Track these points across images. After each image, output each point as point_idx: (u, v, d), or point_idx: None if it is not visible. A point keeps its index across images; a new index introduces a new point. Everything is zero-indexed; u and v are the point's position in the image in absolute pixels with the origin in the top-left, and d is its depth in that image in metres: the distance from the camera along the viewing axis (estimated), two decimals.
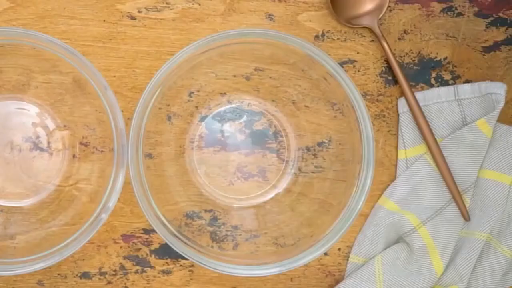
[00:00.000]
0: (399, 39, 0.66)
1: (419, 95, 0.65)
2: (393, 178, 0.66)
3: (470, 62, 0.67)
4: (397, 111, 0.66)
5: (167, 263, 0.65)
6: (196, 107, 0.64)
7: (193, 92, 0.64)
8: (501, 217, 0.65)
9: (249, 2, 0.65)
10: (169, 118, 0.63)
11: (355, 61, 0.66)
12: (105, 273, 0.65)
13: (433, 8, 0.66)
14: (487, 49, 0.67)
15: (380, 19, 0.65)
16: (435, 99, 0.66)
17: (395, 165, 0.66)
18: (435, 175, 0.65)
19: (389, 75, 0.66)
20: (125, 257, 0.65)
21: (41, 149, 0.64)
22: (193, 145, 0.64)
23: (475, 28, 0.67)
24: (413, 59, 0.66)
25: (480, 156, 0.64)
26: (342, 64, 0.65)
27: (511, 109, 0.67)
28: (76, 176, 0.63)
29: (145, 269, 0.65)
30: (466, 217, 0.64)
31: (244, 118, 0.64)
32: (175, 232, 0.59)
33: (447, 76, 0.67)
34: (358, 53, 0.66)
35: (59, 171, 0.64)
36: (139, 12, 0.64)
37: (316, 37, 0.65)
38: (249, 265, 0.59)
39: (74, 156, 0.64)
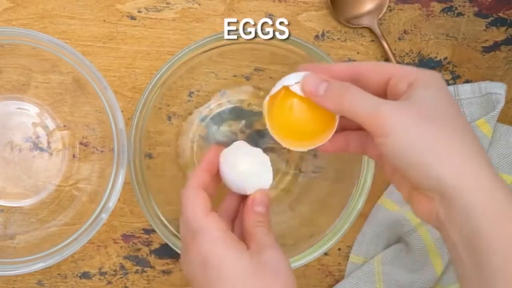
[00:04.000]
0: (399, 39, 0.66)
1: None
2: None
3: (470, 62, 0.67)
4: None
5: (167, 263, 0.65)
6: (196, 107, 0.64)
7: (193, 92, 0.64)
8: None
9: (249, 2, 0.65)
10: (169, 118, 0.63)
11: (355, 61, 0.66)
12: (105, 273, 0.65)
13: (433, 8, 0.66)
14: (487, 49, 0.67)
15: (380, 19, 0.66)
16: None
17: None
18: None
19: None
20: (125, 257, 0.65)
21: (41, 149, 0.64)
22: (193, 145, 0.64)
23: (475, 28, 0.67)
24: (413, 59, 0.66)
25: None
26: None
27: (511, 109, 0.67)
28: (76, 176, 0.63)
29: (145, 269, 0.65)
30: None
31: (244, 118, 0.64)
32: (175, 232, 0.59)
33: (447, 76, 0.67)
34: (358, 53, 0.66)
35: (59, 171, 0.64)
36: (139, 12, 0.64)
37: (316, 37, 0.65)
38: None
39: (74, 156, 0.64)
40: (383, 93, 0.46)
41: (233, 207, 0.54)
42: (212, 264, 0.47)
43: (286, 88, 0.48)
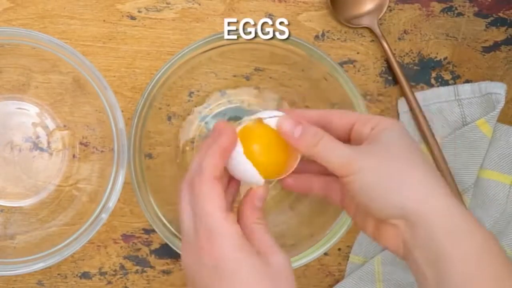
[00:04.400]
0: (399, 39, 0.66)
1: (419, 95, 0.65)
2: None
3: (470, 62, 0.67)
4: (397, 111, 0.66)
5: (167, 263, 0.65)
6: (196, 107, 0.64)
7: (193, 92, 0.64)
8: (501, 217, 0.65)
9: (249, 2, 0.65)
10: (169, 118, 0.63)
11: (355, 61, 0.66)
12: (105, 273, 0.65)
13: (433, 8, 0.66)
14: (487, 49, 0.67)
15: (380, 19, 0.65)
16: (435, 99, 0.66)
17: None
18: None
19: (389, 75, 0.66)
20: (125, 257, 0.65)
21: (41, 149, 0.64)
22: (193, 145, 0.64)
23: (475, 28, 0.67)
24: (413, 59, 0.66)
25: (480, 156, 0.64)
26: (342, 64, 0.65)
27: (511, 109, 0.67)
28: (76, 176, 0.63)
29: (145, 269, 0.65)
30: None
31: (244, 118, 0.64)
32: (175, 232, 0.59)
33: (447, 76, 0.67)
34: (358, 53, 0.66)
35: (59, 171, 0.64)
36: (139, 12, 0.64)
37: (316, 37, 0.65)
38: None
39: (74, 156, 0.64)
40: (347, 137, 0.50)
41: (233, 196, 0.52)
42: (227, 270, 0.45)
43: (259, 120, 0.51)
